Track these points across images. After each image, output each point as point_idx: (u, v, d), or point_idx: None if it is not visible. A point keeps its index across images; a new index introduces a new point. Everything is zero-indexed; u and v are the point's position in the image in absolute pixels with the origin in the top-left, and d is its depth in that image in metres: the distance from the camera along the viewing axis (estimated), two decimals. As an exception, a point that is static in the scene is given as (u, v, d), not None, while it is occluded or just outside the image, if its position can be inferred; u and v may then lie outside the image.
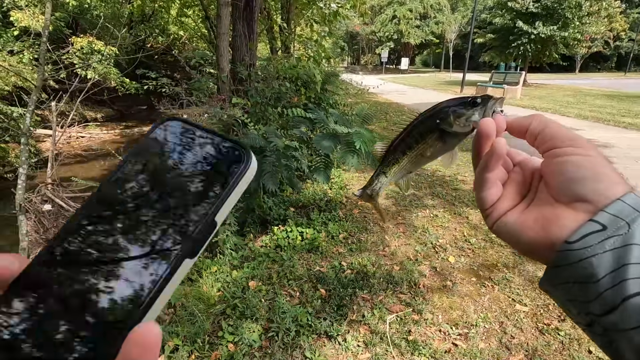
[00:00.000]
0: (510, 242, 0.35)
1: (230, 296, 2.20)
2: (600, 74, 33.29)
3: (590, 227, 0.29)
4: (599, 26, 18.94)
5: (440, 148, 0.41)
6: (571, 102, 11.88)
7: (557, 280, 0.31)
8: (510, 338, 1.92)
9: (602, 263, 0.28)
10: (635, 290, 0.26)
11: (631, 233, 0.28)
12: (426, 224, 3.10)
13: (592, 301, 0.28)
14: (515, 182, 0.37)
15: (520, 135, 0.36)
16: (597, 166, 0.31)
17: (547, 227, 0.32)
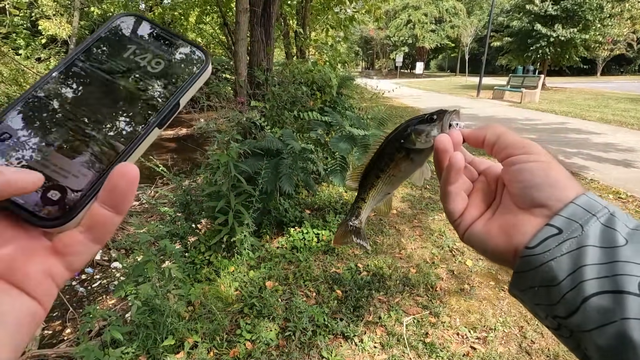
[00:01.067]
0: (479, 251, 0.37)
1: (247, 295, 2.23)
2: (623, 77, 32.30)
3: (547, 232, 0.30)
4: (622, 28, 18.41)
5: (409, 166, 0.43)
6: (592, 105, 11.56)
7: (523, 286, 0.32)
8: (530, 343, 1.89)
9: (561, 266, 0.28)
10: (592, 291, 0.27)
11: (585, 234, 0.29)
12: (443, 227, 3.07)
13: (556, 304, 0.29)
14: (480, 191, 0.38)
15: (478, 146, 0.37)
16: (550, 171, 0.32)
17: (510, 234, 0.33)
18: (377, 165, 0.45)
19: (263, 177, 2.57)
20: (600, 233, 0.28)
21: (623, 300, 0.25)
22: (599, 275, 0.27)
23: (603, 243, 0.28)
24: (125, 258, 2.51)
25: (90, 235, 0.22)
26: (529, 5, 18.57)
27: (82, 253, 0.22)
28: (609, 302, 0.26)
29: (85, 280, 3.05)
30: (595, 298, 0.26)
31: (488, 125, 0.36)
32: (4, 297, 0.20)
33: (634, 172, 4.68)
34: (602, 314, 0.26)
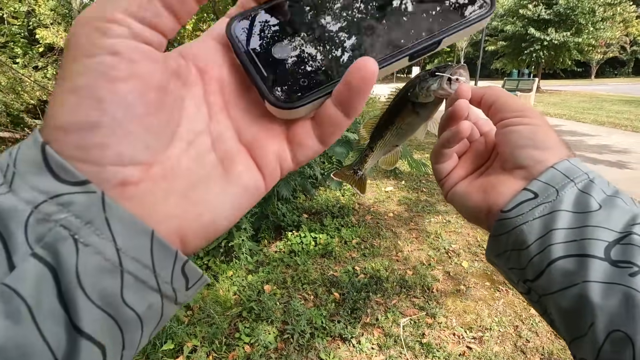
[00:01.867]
0: (459, 210, 0.37)
1: (246, 299, 2.25)
2: (617, 79, 32.65)
3: (523, 196, 0.30)
4: (614, 31, 18.67)
5: (415, 119, 0.43)
6: (587, 108, 11.69)
7: (497, 250, 0.32)
8: (525, 342, 1.91)
9: (532, 230, 0.29)
10: (558, 254, 0.27)
11: (559, 199, 0.29)
12: (439, 230, 3.11)
13: (525, 268, 0.29)
14: (475, 151, 0.38)
15: (475, 105, 0.37)
16: (538, 134, 0.32)
17: (487, 193, 0.33)
18: (387, 117, 0.46)
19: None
20: (575, 198, 0.28)
21: (587, 264, 0.25)
22: (566, 239, 0.27)
23: (576, 208, 0.28)
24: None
25: (317, 131, 0.22)
26: (523, 9, 18.82)
27: (307, 146, 0.22)
28: (573, 265, 0.26)
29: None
30: (561, 261, 0.27)
31: (488, 86, 0.36)
32: (243, 162, 0.21)
33: (628, 173, 4.74)
34: (565, 277, 0.26)
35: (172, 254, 0.18)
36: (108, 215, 0.16)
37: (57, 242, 0.15)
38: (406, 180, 4.32)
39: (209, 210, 0.19)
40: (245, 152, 0.21)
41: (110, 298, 0.16)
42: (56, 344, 0.14)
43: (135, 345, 0.18)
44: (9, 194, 0.15)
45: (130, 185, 0.17)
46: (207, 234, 0.20)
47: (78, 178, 0.16)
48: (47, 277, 0.14)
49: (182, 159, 0.19)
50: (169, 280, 0.18)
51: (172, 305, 0.19)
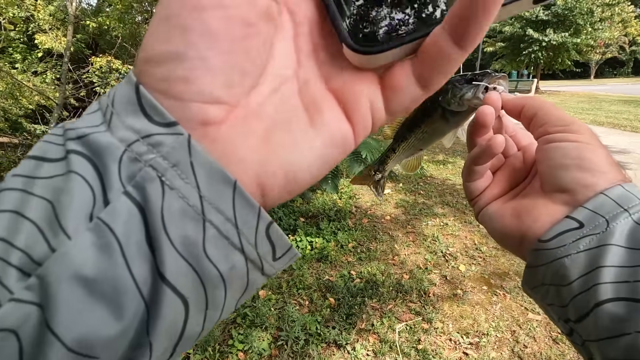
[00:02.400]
0: (489, 232, 0.34)
1: (240, 305, 2.23)
2: (617, 79, 32.66)
3: (566, 225, 0.26)
4: (613, 31, 18.70)
5: (443, 126, 0.40)
6: (586, 108, 11.68)
7: (533, 282, 0.29)
8: (522, 347, 1.89)
9: (575, 265, 0.25)
10: (607, 296, 0.23)
11: (609, 232, 0.25)
12: (436, 233, 3.08)
13: (567, 306, 0.26)
14: (511, 168, 0.34)
15: (515, 117, 0.33)
16: (586, 153, 0.28)
17: (521, 217, 0.30)
18: (414, 119, 0.43)
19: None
20: (630, 232, 0.24)
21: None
22: (617, 279, 0.23)
23: (630, 243, 0.24)
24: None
25: (419, 70, 0.19)
26: (521, 10, 18.84)
27: (404, 91, 0.19)
28: (624, 311, 0.22)
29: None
30: (610, 304, 0.23)
31: (529, 96, 0.32)
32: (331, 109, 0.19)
33: (628, 174, 4.71)
34: (615, 323, 0.23)
35: (255, 210, 0.17)
36: (193, 159, 0.15)
37: (146, 182, 0.15)
38: (403, 183, 4.30)
39: (292, 159, 0.18)
40: (332, 99, 0.19)
41: (193, 248, 0.15)
42: (144, 285, 0.14)
43: (220, 306, 0.17)
44: (107, 132, 0.15)
45: (212, 125, 0.17)
46: (289, 186, 0.18)
47: (167, 119, 0.16)
48: (137, 216, 0.15)
49: (266, 104, 0.18)
50: (252, 241, 0.17)
51: (259, 274, 0.19)
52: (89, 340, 0.13)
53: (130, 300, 0.14)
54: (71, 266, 0.13)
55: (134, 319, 0.14)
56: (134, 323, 0.14)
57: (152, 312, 0.15)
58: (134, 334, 0.14)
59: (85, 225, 0.14)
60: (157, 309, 0.15)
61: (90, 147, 0.15)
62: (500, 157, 0.35)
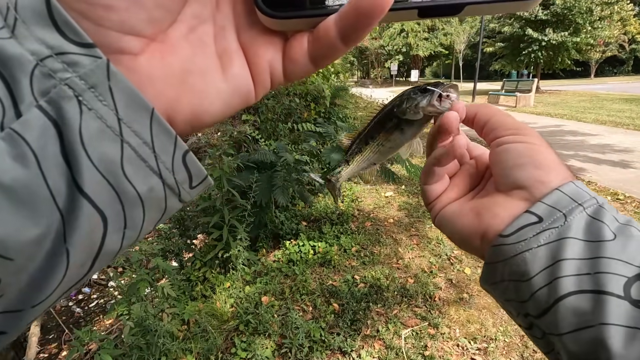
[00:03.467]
0: (447, 233, 0.34)
1: (243, 312, 2.19)
2: (617, 77, 32.62)
3: (525, 219, 0.27)
4: (612, 30, 18.68)
5: (399, 137, 0.41)
6: (587, 107, 11.63)
7: (493, 279, 0.29)
8: (532, 352, 1.84)
9: (536, 259, 0.25)
10: (568, 290, 0.23)
11: (567, 225, 0.25)
12: (440, 235, 3.04)
13: (527, 301, 0.26)
14: (466, 174, 0.36)
15: (468, 124, 0.34)
16: (537, 153, 0.29)
17: (481, 214, 0.30)
18: (369, 132, 0.43)
19: (255, 190, 2.56)
20: (586, 225, 0.25)
21: (604, 303, 0.22)
22: (578, 272, 0.24)
23: (587, 236, 0.25)
24: (119, 277, 2.48)
25: (312, 49, 0.21)
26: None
27: (298, 63, 0.21)
28: (587, 304, 0.23)
29: (82, 300, 3.01)
30: (572, 298, 0.23)
31: (481, 104, 0.34)
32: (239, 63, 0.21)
33: (632, 173, 4.67)
34: (578, 317, 0.23)
35: (172, 137, 0.18)
36: (112, 83, 0.16)
37: (62, 99, 0.15)
38: (406, 185, 4.27)
39: (201, 102, 0.20)
40: (241, 53, 0.21)
41: (111, 165, 0.16)
42: (59, 196, 0.15)
43: (138, 227, 0.18)
44: (12, 40, 0.15)
45: (129, 55, 0.17)
46: (193, 122, 0.20)
47: (84, 40, 0.15)
48: (51, 130, 0.15)
49: (183, 42, 0.19)
50: (169, 167, 0.18)
51: (176, 200, 0.20)
52: (3, 242, 0.14)
53: (45, 209, 0.15)
54: None
55: (49, 227, 0.15)
56: (50, 231, 0.15)
57: (68, 222, 0.15)
58: (51, 243, 0.15)
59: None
60: (74, 220, 0.15)
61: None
62: (456, 164, 0.36)
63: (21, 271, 0.15)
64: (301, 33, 0.21)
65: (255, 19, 0.21)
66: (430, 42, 35.17)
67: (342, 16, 0.19)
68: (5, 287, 0.15)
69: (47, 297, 0.16)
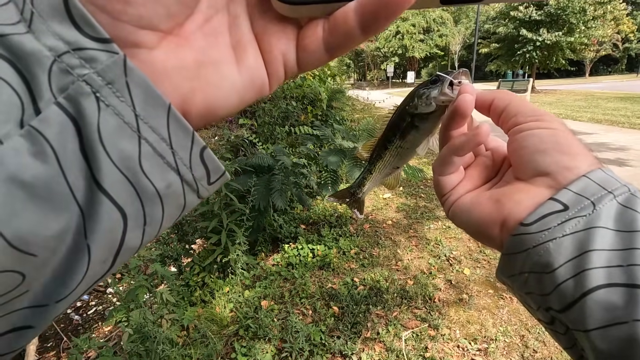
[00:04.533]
0: (463, 224, 0.32)
1: (242, 317, 2.19)
2: (611, 76, 32.83)
3: (550, 207, 0.25)
4: (606, 29, 18.82)
5: (415, 135, 0.40)
6: (583, 106, 11.70)
7: (511, 271, 0.27)
8: (532, 352, 1.84)
9: (561, 249, 0.24)
10: (598, 283, 0.22)
11: (596, 214, 0.24)
12: (439, 236, 3.05)
13: (549, 294, 0.24)
14: (482, 165, 0.34)
15: (484, 112, 0.33)
16: (562, 138, 0.27)
17: (500, 202, 0.28)
18: (386, 136, 0.43)
19: (253, 194, 2.56)
20: (617, 214, 0.23)
21: (638, 297, 0.20)
22: (609, 264, 0.22)
23: (619, 226, 0.23)
24: (117, 283, 2.47)
25: (327, 38, 0.20)
26: (514, 11, 18.98)
27: (312, 52, 0.21)
28: (619, 298, 0.21)
29: (81, 307, 2.99)
30: (602, 291, 0.21)
31: (496, 90, 0.32)
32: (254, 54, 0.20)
33: (628, 171, 4.69)
34: (608, 312, 0.21)
35: (189, 133, 0.18)
36: (129, 79, 0.16)
37: (80, 96, 0.15)
38: (404, 187, 4.27)
39: (216, 95, 0.19)
40: (255, 44, 0.21)
41: (129, 162, 0.16)
42: (79, 192, 0.15)
43: (158, 224, 0.18)
44: (29, 35, 0.14)
45: (143, 49, 0.17)
46: (208, 115, 0.20)
47: (101, 35, 0.15)
48: (70, 127, 0.15)
49: (197, 34, 0.19)
50: (187, 163, 0.18)
51: (195, 196, 0.20)
52: (25, 238, 0.14)
53: (65, 205, 0.15)
54: (5, 170, 0.13)
55: (70, 223, 0.15)
56: (70, 227, 0.15)
57: (88, 218, 0.15)
58: (72, 239, 0.15)
59: (16, 131, 0.14)
60: (94, 216, 0.15)
61: (11, 51, 0.14)
62: (471, 155, 0.35)
63: (44, 266, 0.15)
64: (315, 21, 0.21)
65: (268, 6, 0.20)
66: (425, 44, 35.34)
67: (364, 3, 0.19)
68: (30, 283, 0.15)
69: (71, 292, 0.16)
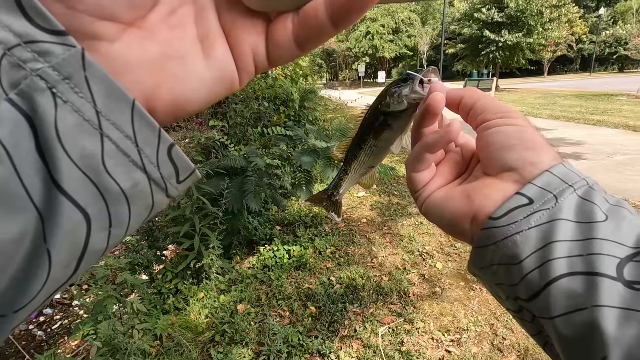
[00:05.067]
0: (435, 219, 0.33)
1: (218, 322, 2.14)
2: (567, 75, 34.83)
3: (516, 201, 0.26)
4: (561, 31, 19.96)
5: (388, 134, 0.40)
6: (542, 103, 12.35)
7: (482, 263, 0.28)
8: (501, 340, 1.93)
9: (527, 241, 0.25)
10: (560, 272, 0.23)
11: (558, 207, 0.25)
12: (412, 232, 3.12)
13: (517, 284, 0.25)
14: (452, 161, 0.35)
15: (453, 109, 0.34)
16: (526, 134, 0.29)
17: (470, 197, 0.29)
18: (360, 136, 0.43)
19: (226, 197, 2.51)
20: (577, 206, 0.25)
21: (597, 284, 0.21)
22: (570, 253, 0.23)
23: (579, 217, 0.24)
24: (83, 295, 2.35)
25: (298, 32, 0.20)
26: (477, 13, 19.75)
27: (283, 47, 0.21)
28: (579, 286, 0.22)
29: (44, 322, 2.82)
30: (565, 280, 0.23)
31: (465, 88, 0.33)
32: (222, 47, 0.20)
33: (584, 164, 5.00)
34: (570, 299, 0.22)
35: (155, 130, 0.17)
36: (88, 74, 0.15)
37: (34, 92, 0.14)
38: (377, 185, 4.34)
39: (182, 89, 0.19)
40: (223, 37, 0.20)
41: (91, 160, 0.15)
42: (35, 194, 0.14)
43: (124, 225, 0.17)
44: None
45: (104, 41, 0.16)
46: (176, 111, 0.19)
47: (55, 26, 0.14)
48: (24, 125, 0.14)
49: (162, 26, 0.18)
50: (154, 161, 0.17)
51: (163, 195, 0.19)
52: None
53: (21, 207, 0.14)
54: None
55: (27, 226, 0.14)
56: (28, 230, 0.14)
57: (47, 221, 0.15)
58: (30, 243, 0.14)
59: None
60: (53, 217, 0.15)
61: None
62: (441, 152, 0.36)
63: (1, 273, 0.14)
64: (285, 15, 0.20)
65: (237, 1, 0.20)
66: (395, 44, 36.06)
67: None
68: None
69: (32, 300, 0.15)
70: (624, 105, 10.36)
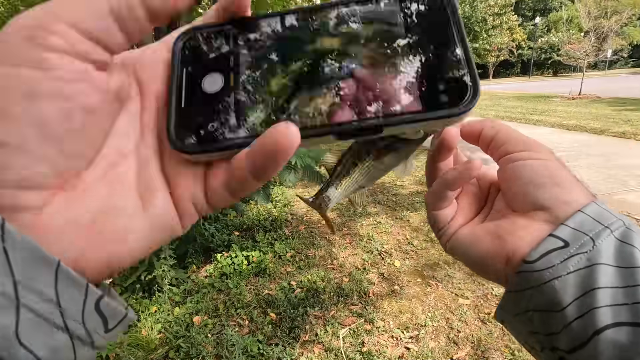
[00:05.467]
0: (463, 259, 0.32)
1: (172, 337, 2.03)
2: (510, 78, 37.53)
3: (550, 244, 0.25)
4: (503, 37, 21.48)
5: (392, 157, 0.37)
6: (488, 105, 13.19)
7: (517, 309, 0.26)
8: (457, 333, 2.00)
9: (566, 287, 0.23)
10: (606, 322, 0.22)
11: (596, 250, 0.23)
12: (371, 232, 3.17)
13: (558, 334, 0.24)
14: (469, 194, 0.33)
15: (472, 142, 0.32)
16: (555, 170, 0.27)
17: (503, 238, 0.28)
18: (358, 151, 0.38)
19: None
20: (616, 250, 0.23)
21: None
22: (615, 302, 0.22)
23: (619, 262, 0.23)
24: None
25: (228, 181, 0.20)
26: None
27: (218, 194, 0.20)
28: (627, 337, 0.21)
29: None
30: (610, 331, 0.21)
31: (484, 119, 0.32)
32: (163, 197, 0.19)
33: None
34: (619, 352, 0.21)
35: (82, 287, 0.16)
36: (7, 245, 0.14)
37: None
38: (337, 186, 4.36)
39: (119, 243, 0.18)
40: (165, 186, 0.20)
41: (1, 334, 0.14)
42: None
43: None
44: None
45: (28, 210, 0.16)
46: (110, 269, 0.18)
47: None
48: None
49: (100, 183, 0.18)
50: (79, 318, 0.16)
51: (88, 349, 0.17)
52: None
53: None
54: None
55: None
56: None
57: None
58: None
59: None
60: None
61: None
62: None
63: None
64: (220, 162, 0.20)
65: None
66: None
67: (251, 153, 0.19)
68: None
69: None
70: (559, 107, 11.35)
